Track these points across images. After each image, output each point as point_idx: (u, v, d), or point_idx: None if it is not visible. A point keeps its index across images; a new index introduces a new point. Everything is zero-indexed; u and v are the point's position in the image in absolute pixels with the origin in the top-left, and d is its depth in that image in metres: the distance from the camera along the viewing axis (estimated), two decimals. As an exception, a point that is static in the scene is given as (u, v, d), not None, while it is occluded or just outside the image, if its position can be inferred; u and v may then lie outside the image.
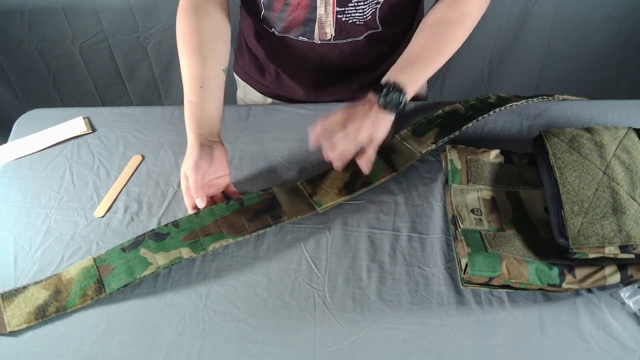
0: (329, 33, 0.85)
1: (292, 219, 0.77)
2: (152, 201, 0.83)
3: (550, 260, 0.68)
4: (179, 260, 0.72)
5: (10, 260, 0.76)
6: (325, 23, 0.83)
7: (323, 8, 0.80)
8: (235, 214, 0.76)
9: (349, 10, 0.81)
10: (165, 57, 1.56)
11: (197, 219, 0.75)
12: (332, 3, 0.80)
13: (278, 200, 0.78)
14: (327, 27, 0.84)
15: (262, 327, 0.68)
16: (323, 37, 0.86)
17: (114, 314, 0.70)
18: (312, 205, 0.79)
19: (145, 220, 0.80)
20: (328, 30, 0.84)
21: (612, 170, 0.71)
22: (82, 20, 1.45)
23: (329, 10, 0.81)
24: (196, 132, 0.76)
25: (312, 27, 0.84)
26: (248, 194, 0.79)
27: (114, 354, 0.67)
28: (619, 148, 0.74)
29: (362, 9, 0.81)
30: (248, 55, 1.00)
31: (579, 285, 0.67)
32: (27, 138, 0.93)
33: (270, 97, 1.03)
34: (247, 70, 1.03)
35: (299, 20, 0.84)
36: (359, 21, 0.84)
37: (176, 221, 0.76)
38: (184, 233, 0.74)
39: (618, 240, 0.65)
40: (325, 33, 0.85)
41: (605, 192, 0.69)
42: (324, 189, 0.80)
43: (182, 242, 0.73)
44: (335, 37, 0.86)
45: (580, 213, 0.68)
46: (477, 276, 0.66)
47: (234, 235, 0.74)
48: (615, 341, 0.64)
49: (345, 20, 0.83)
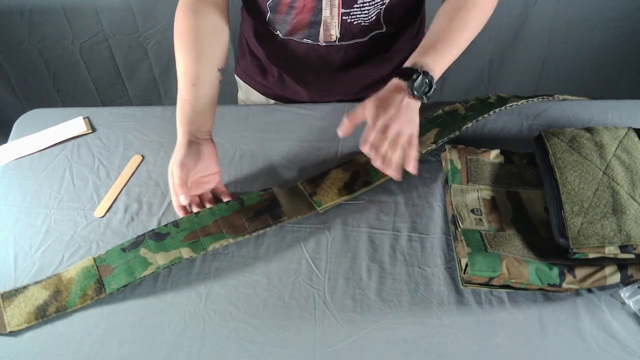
0: (334, 35, 0.85)
1: (292, 219, 0.77)
2: (152, 201, 0.83)
3: (550, 260, 0.68)
4: (179, 260, 0.72)
5: (10, 260, 0.76)
6: (331, 25, 0.83)
7: (328, 10, 0.80)
8: (236, 214, 0.76)
9: (354, 12, 0.81)
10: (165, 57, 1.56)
11: (197, 219, 0.75)
12: (337, 5, 0.80)
13: (278, 200, 0.78)
14: (332, 29, 0.84)
15: (262, 327, 0.68)
16: (328, 39, 0.86)
17: (114, 314, 0.70)
18: (312, 205, 0.79)
19: (145, 220, 0.80)
20: (333, 32, 0.84)
21: (612, 171, 0.71)
22: (82, 20, 1.45)
23: (334, 13, 0.81)
24: (185, 128, 0.76)
25: (317, 29, 0.84)
26: (248, 193, 0.79)
27: (114, 354, 0.67)
28: (619, 148, 0.74)
29: (367, 10, 0.81)
30: (249, 57, 1.00)
31: (579, 285, 0.67)
32: (27, 138, 0.93)
33: (272, 99, 1.03)
34: (249, 72, 1.03)
35: (304, 23, 0.84)
36: (364, 22, 0.84)
37: (176, 221, 0.76)
38: (184, 233, 0.74)
39: (618, 240, 0.65)
40: (330, 35, 0.85)
41: (605, 192, 0.69)
42: (324, 189, 0.80)
43: (182, 242, 0.73)
44: (340, 38, 0.86)
45: (580, 213, 0.68)
46: (477, 276, 0.66)
47: (234, 235, 0.74)
48: (615, 341, 0.64)
49: (350, 21, 0.83)
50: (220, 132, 0.90)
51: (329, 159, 0.86)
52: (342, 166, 0.83)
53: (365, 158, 0.76)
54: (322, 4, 0.80)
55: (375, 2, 0.81)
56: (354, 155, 0.85)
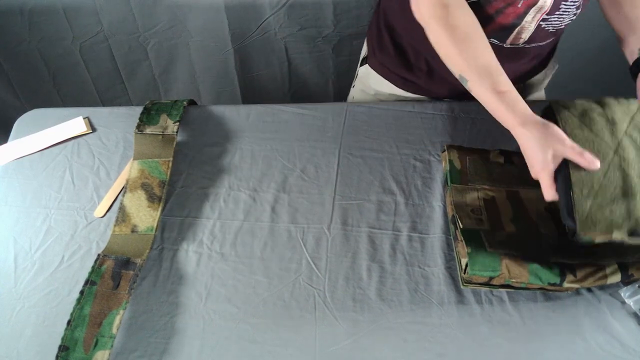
0: (524, 38, 0.82)
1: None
2: (152, 201, 0.82)
3: (551, 260, 0.68)
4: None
5: (10, 260, 0.76)
6: (527, 29, 0.80)
7: (532, 15, 0.78)
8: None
9: (552, 18, 0.79)
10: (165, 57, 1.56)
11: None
12: (543, 11, 0.77)
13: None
14: (525, 32, 0.81)
15: (262, 327, 0.68)
16: (516, 41, 0.83)
17: (114, 313, 0.70)
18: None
19: (146, 220, 0.80)
20: (524, 36, 0.81)
21: (623, 150, 0.68)
22: (82, 20, 1.45)
23: (536, 17, 0.78)
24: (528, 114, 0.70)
25: (511, 31, 0.81)
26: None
27: (113, 353, 0.67)
28: (630, 125, 0.70)
29: (565, 17, 0.80)
30: (393, 50, 0.94)
31: (579, 284, 0.67)
32: (27, 138, 0.93)
33: (415, 94, 0.97)
34: (392, 67, 0.96)
35: (504, 25, 0.80)
36: (553, 29, 0.82)
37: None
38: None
39: (627, 225, 0.63)
40: (521, 38, 0.82)
41: (615, 173, 0.66)
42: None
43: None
44: (526, 42, 0.83)
45: (590, 195, 0.65)
46: (478, 276, 0.66)
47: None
48: (615, 341, 0.64)
49: (544, 27, 0.80)
50: (221, 132, 0.90)
51: (329, 159, 0.86)
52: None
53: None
54: (530, 9, 0.77)
55: (574, 10, 0.79)
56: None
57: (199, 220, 0.80)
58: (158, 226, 0.79)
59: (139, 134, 0.89)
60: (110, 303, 0.70)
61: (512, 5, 0.76)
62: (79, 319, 0.69)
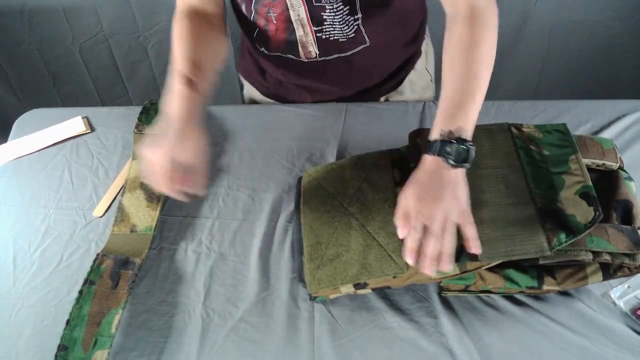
0: (313, 52, 0.84)
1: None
2: (151, 201, 0.82)
3: (525, 263, 0.65)
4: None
5: (10, 259, 0.76)
6: (307, 43, 0.82)
7: (301, 29, 0.80)
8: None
9: (326, 29, 0.80)
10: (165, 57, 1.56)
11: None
12: (307, 24, 0.79)
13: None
14: (309, 46, 0.83)
15: (261, 326, 0.68)
16: (308, 55, 0.85)
17: (113, 313, 0.70)
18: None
19: (145, 220, 0.80)
20: (312, 49, 0.83)
21: (352, 206, 0.70)
22: (82, 20, 1.45)
23: (307, 31, 0.80)
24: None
25: (296, 47, 0.84)
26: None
27: (112, 353, 0.67)
28: (365, 181, 0.73)
29: (341, 28, 0.80)
30: (249, 56, 0.99)
31: (559, 286, 0.65)
32: (26, 138, 0.93)
33: (271, 99, 1.02)
34: (250, 72, 1.02)
35: (282, 43, 0.83)
36: (342, 38, 0.82)
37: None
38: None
39: (350, 279, 0.65)
40: (310, 52, 0.84)
41: (343, 229, 0.69)
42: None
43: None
44: (320, 54, 0.84)
45: (317, 257, 0.68)
46: (453, 284, 0.66)
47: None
48: (607, 340, 0.65)
49: (326, 38, 0.81)
50: (220, 131, 0.91)
51: (329, 159, 0.86)
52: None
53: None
54: (292, 25, 0.79)
55: (347, 20, 0.78)
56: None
57: (198, 219, 0.80)
58: (157, 226, 0.79)
59: (138, 134, 0.89)
60: (109, 302, 0.70)
61: (270, 22, 0.80)
62: (78, 318, 0.69)
